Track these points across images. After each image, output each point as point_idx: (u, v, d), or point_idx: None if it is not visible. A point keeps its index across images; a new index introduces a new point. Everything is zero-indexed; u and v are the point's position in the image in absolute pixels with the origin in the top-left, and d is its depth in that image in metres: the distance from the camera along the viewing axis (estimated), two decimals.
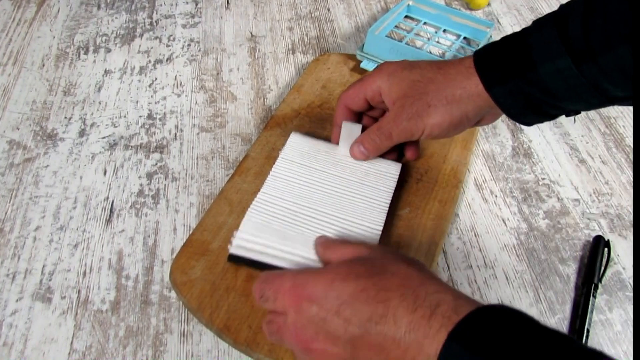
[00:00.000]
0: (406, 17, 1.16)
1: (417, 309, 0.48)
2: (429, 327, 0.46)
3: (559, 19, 0.60)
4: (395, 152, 0.81)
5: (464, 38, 1.11)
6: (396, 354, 0.48)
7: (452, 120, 0.69)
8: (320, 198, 0.75)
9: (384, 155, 0.80)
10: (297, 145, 0.82)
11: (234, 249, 0.69)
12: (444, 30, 1.14)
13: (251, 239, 0.69)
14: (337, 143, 0.81)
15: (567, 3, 0.61)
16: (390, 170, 0.79)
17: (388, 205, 0.75)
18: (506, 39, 0.65)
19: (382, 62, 0.96)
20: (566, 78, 0.60)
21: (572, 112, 0.68)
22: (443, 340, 0.45)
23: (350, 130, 0.80)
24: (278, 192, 0.75)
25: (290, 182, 0.76)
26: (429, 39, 1.12)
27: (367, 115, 0.81)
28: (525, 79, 0.62)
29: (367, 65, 0.99)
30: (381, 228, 0.72)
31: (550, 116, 0.68)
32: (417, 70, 0.71)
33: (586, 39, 0.57)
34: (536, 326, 0.45)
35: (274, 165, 0.78)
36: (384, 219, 0.73)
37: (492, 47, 0.66)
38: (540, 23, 0.62)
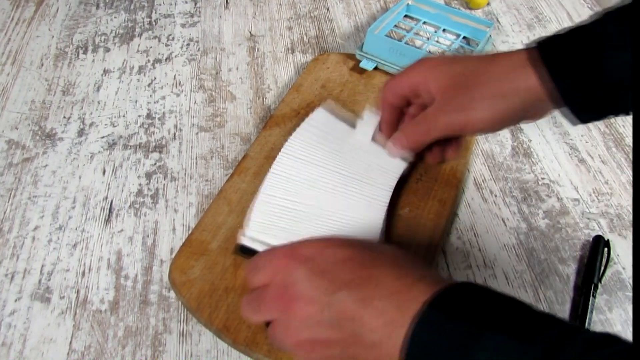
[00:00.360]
0: (406, 16, 1.16)
1: (400, 277, 0.50)
2: (409, 293, 0.49)
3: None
4: (439, 150, 0.75)
5: (464, 37, 1.11)
6: (372, 314, 0.49)
7: (498, 115, 0.64)
8: (319, 195, 0.75)
9: (425, 154, 0.75)
10: (317, 122, 0.83)
11: (245, 240, 0.69)
12: (444, 30, 1.13)
13: (258, 236, 0.70)
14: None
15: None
16: (393, 167, 0.78)
17: (387, 203, 0.75)
18: (573, 30, 0.60)
19: (381, 61, 0.97)
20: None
21: (623, 112, 0.62)
22: (421, 305, 0.47)
23: (369, 119, 0.79)
24: (278, 192, 0.74)
25: (290, 179, 0.76)
26: (428, 38, 1.11)
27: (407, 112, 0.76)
28: (594, 72, 0.58)
29: (367, 65, 0.99)
30: (380, 225, 0.72)
31: (613, 111, 0.62)
32: (461, 63, 0.67)
33: None
34: (501, 297, 0.49)
35: (274, 162, 0.78)
36: (383, 216, 0.73)
37: (558, 38, 0.61)
38: (610, 15, 0.58)
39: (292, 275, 0.53)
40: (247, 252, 0.71)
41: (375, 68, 1.00)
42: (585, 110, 0.61)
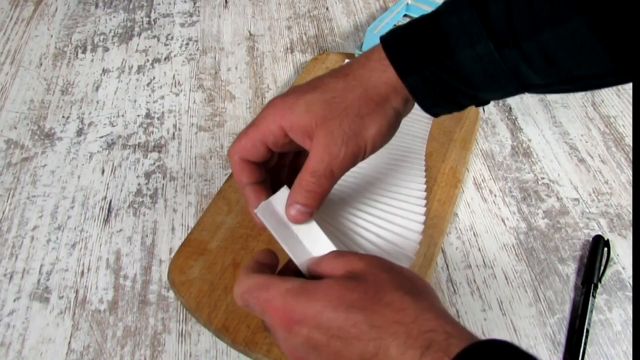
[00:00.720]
0: (405, 15, 1.16)
1: (407, 350, 0.46)
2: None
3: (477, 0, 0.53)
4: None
5: None
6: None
7: (389, 122, 0.59)
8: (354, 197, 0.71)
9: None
10: None
11: (259, 209, 0.67)
12: None
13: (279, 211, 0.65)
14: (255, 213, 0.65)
15: None
16: (415, 163, 0.78)
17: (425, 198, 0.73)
18: (417, 22, 0.57)
19: None
20: (486, 64, 0.54)
21: (483, 102, 0.60)
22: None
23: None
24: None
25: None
26: None
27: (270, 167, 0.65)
28: (443, 67, 0.55)
29: None
30: (423, 219, 0.70)
31: (462, 106, 0.60)
32: (323, 87, 0.58)
33: (509, 22, 0.51)
34: None
35: None
36: (425, 210, 0.72)
37: (402, 31, 0.57)
38: (455, 4, 0.55)
39: (296, 339, 0.50)
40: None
41: None
42: (435, 105, 0.59)
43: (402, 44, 0.56)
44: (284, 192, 0.60)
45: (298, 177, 0.58)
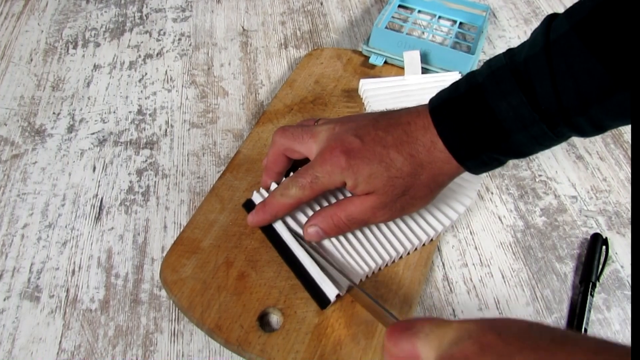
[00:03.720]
0: (400, 6, 1.15)
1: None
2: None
3: (522, 79, 0.56)
4: None
5: (460, 23, 1.11)
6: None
7: (433, 198, 0.67)
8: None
9: None
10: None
11: (255, 196, 0.68)
12: (439, 18, 1.13)
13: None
14: (267, 189, 0.75)
15: (525, 59, 0.57)
16: None
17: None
18: (465, 102, 0.60)
19: (390, 56, 0.97)
20: (540, 141, 0.58)
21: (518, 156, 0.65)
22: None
23: (411, 58, 0.80)
24: None
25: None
26: (425, 27, 1.11)
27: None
28: (499, 150, 0.59)
29: (376, 60, 0.98)
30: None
31: (499, 164, 0.65)
32: (387, 162, 0.62)
33: (558, 102, 0.54)
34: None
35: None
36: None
37: (453, 114, 0.60)
38: (499, 80, 0.58)
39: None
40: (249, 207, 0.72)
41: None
42: (486, 171, 0.64)
43: (458, 132, 0.60)
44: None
45: (330, 208, 0.68)
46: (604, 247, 0.75)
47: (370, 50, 0.99)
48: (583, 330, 0.67)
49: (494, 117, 0.57)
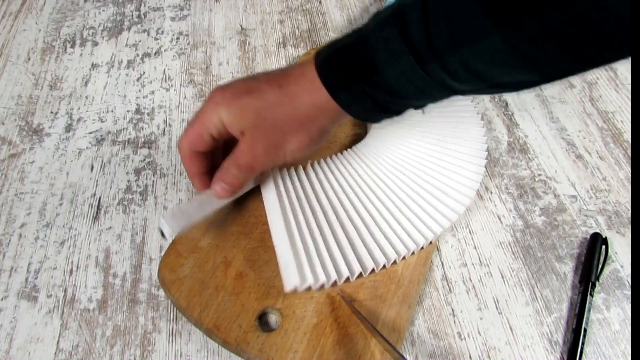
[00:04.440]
0: None
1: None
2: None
3: (398, 13, 0.56)
4: None
5: None
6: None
7: (311, 139, 0.66)
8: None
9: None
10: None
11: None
12: None
13: None
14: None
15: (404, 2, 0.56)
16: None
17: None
18: (349, 38, 0.61)
19: None
20: (411, 78, 0.57)
21: (419, 106, 0.67)
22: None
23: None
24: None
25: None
26: None
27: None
28: (370, 83, 0.59)
29: None
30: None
31: (398, 112, 0.66)
32: (257, 93, 0.64)
33: (428, 38, 0.53)
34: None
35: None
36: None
37: (334, 50, 0.62)
38: (381, 21, 0.58)
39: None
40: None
41: None
42: (370, 116, 0.65)
43: (333, 62, 0.60)
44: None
45: (225, 162, 0.68)
46: (603, 246, 0.75)
47: None
48: (582, 330, 0.67)
49: (367, 47, 0.58)
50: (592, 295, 0.70)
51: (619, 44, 0.46)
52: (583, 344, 0.66)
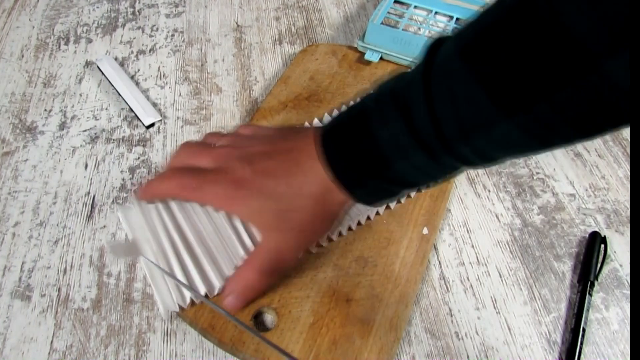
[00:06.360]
0: (396, 2, 1.15)
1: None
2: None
3: (400, 105, 0.54)
4: None
5: (457, 19, 1.10)
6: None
7: (333, 228, 0.68)
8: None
9: None
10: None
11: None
12: (436, 13, 1.12)
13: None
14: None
15: (408, 83, 0.54)
16: None
17: None
18: (351, 126, 0.59)
19: (386, 52, 0.96)
20: (425, 171, 0.56)
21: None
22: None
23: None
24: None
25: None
26: (421, 23, 1.10)
27: None
28: (386, 179, 0.57)
29: (372, 57, 0.98)
30: None
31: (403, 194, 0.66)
32: (275, 196, 0.62)
33: (438, 132, 0.51)
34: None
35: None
36: None
37: (338, 141, 0.60)
38: (382, 105, 0.56)
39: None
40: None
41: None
42: (379, 203, 0.64)
43: (345, 159, 0.59)
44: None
45: (240, 270, 0.65)
46: (602, 245, 0.75)
47: (366, 46, 0.98)
48: (581, 329, 0.67)
49: (376, 144, 0.56)
50: (590, 295, 0.70)
51: (626, 115, 0.45)
52: (582, 343, 0.66)
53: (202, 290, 0.65)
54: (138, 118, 0.91)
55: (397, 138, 0.54)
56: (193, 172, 0.66)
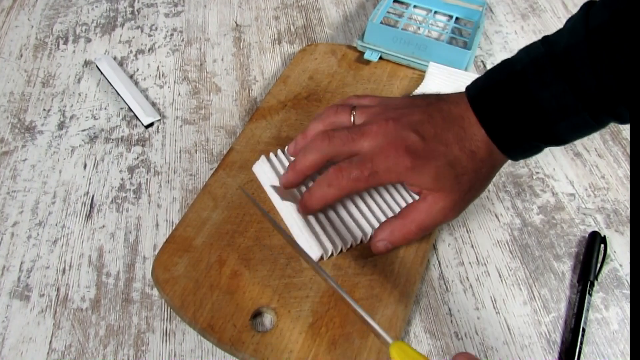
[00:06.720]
0: (395, 1, 1.15)
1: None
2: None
3: (563, 68, 0.56)
4: None
5: (456, 18, 1.10)
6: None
7: (483, 189, 0.70)
8: None
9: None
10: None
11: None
12: (435, 13, 1.13)
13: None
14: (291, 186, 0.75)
15: (566, 48, 0.57)
16: None
17: None
18: (505, 89, 0.61)
19: (385, 51, 0.96)
20: (582, 130, 0.59)
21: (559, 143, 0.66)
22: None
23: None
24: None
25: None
26: (421, 22, 1.10)
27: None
28: (543, 139, 0.61)
29: (371, 56, 0.98)
30: None
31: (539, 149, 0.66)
32: (455, 161, 0.64)
33: (600, 92, 0.55)
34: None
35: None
36: None
37: (494, 104, 0.62)
38: (540, 68, 0.58)
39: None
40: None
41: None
42: (521, 155, 0.66)
43: (502, 121, 0.62)
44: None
45: (400, 221, 0.68)
46: (602, 245, 0.75)
47: (365, 45, 0.98)
48: (581, 329, 0.67)
49: (538, 105, 0.58)
50: (590, 295, 0.70)
51: None
52: (581, 343, 0.66)
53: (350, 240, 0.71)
54: (137, 118, 0.91)
55: (561, 100, 0.57)
56: (354, 163, 0.66)
